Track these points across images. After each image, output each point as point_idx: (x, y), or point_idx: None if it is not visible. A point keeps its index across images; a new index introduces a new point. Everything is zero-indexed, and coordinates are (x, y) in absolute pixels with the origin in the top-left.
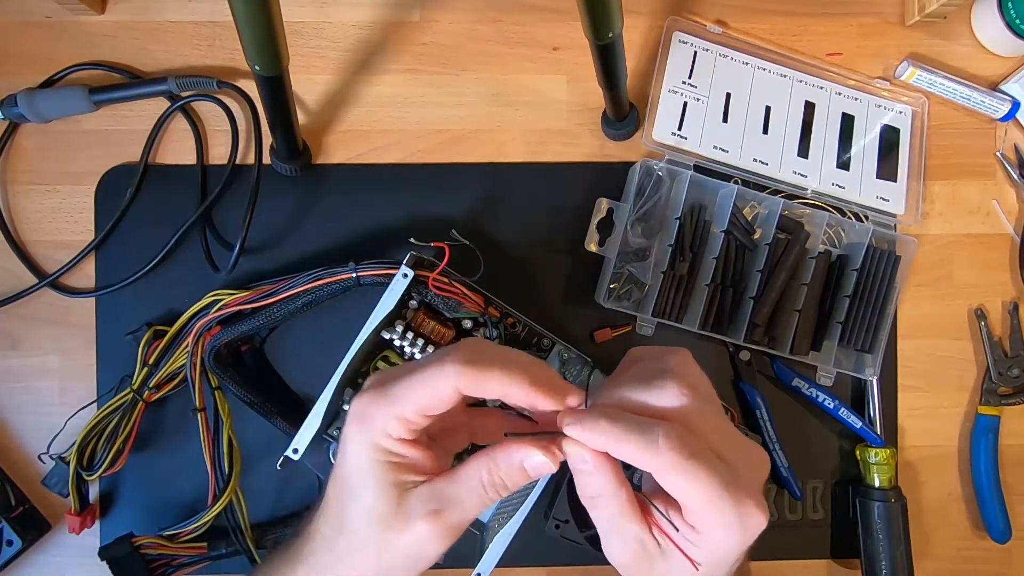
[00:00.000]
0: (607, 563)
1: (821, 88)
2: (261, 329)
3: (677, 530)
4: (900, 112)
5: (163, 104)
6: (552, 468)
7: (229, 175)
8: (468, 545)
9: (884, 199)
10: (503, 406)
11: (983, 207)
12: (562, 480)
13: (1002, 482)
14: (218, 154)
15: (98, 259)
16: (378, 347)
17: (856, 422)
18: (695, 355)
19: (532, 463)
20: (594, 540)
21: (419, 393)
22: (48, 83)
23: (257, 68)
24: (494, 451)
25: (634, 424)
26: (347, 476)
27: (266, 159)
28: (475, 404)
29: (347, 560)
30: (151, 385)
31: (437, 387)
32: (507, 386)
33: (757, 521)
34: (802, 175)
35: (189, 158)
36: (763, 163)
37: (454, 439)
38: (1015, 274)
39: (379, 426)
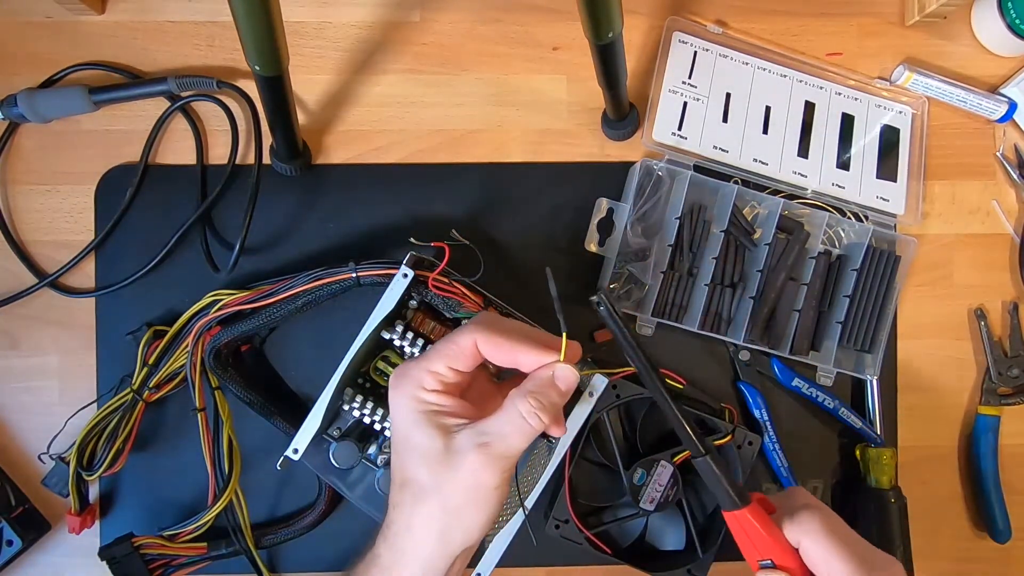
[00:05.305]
0: (607, 563)
1: (821, 88)
2: (261, 329)
3: None
4: (900, 112)
5: (163, 104)
6: (575, 376)
7: (229, 175)
8: None
9: (884, 199)
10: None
11: (983, 207)
12: (562, 480)
13: (1002, 482)
14: (218, 154)
15: (98, 259)
16: (378, 347)
17: (856, 422)
18: (695, 355)
19: (560, 373)
20: (594, 540)
21: (445, 348)
22: (48, 83)
23: (257, 68)
24: (524, 382)
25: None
26: (398, 430)
27: (266, 159)
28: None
29: (415, 521)
30: (151, 385)
31: (459, 342)
32: (515, 347)
33: None
34: (802, 175)
35: (189, 158)
36: (763, 163)
37: (492, 405)
38: (1015, 274)
39: (413, 380)
